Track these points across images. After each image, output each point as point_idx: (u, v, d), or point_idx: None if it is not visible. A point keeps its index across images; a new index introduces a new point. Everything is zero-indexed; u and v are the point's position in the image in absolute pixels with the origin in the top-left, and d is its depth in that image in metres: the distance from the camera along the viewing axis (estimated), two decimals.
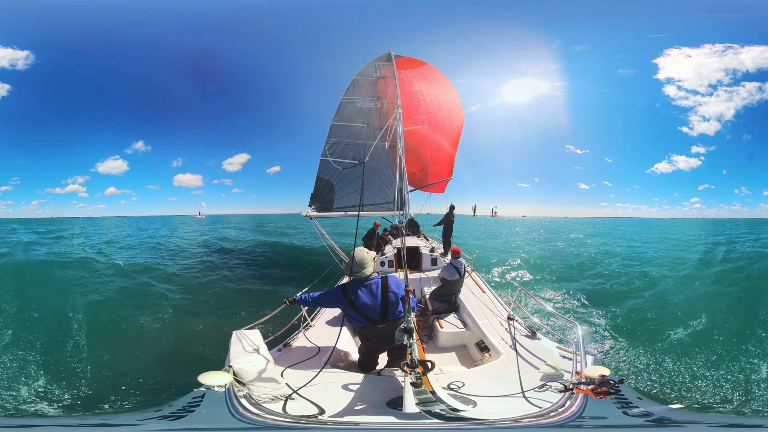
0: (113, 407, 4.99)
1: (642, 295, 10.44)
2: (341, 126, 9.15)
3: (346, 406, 2.57)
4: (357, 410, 2.54)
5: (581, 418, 2.19)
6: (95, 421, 4.10)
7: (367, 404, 2.60)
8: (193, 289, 11.51)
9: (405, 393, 2.37)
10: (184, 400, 2.60)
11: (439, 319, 5.11)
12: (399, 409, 2.33)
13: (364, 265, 3.40)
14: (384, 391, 2.77)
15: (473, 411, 2.39)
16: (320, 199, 8.87)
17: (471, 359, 4.37)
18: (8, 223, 52.72)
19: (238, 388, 2.44)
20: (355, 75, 9.81)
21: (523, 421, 2.24)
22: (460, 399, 2.49)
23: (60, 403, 5.07)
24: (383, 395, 2.68)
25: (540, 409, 2.35)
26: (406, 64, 10.37)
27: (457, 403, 2.33)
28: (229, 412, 2.22)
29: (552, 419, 2.20)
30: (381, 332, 3.37)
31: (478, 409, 2.45)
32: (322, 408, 2.49)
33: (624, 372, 6.03)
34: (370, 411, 2.50)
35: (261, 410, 2.27)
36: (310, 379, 2.94)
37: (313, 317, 4.79)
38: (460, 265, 5.82)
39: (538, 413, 2.31)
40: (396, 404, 2.45)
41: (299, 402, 2.58)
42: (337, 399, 2.66)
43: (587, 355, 2.92)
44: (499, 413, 2.40)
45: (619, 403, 2.36)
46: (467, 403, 2.45)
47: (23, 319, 7.85)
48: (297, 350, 3.84)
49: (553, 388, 2.61)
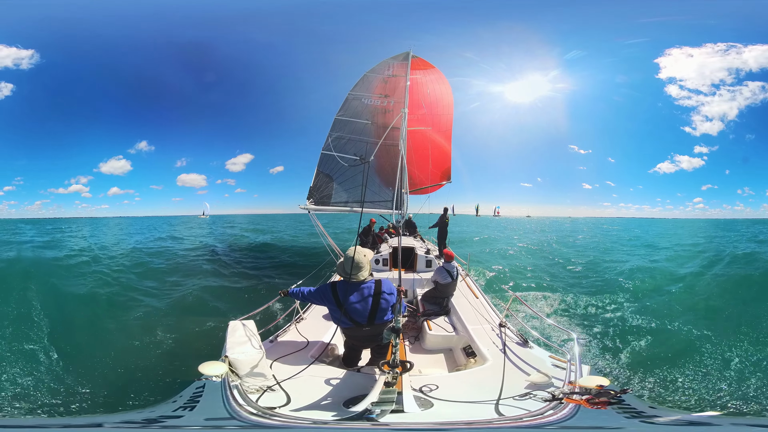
0: (123, 405, 5.00)
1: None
2: (345, 121, 9.11)
3: (312, 401, 2.58)
4: (319, 405, 2.54)
5: (569, 427, 2.06)
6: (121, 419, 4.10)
7: (332, 400, 2.60)
8: (195, 287, 11.51)
9: (371, 392, 2.35)
10: (189, 390, 2.64)
11: (428, 321, 5.09)
12: (350, 408, 2.35)
13: (361, 267, 3.25)
14: (356, 388, 2.77)
15: (424, 413, 2.34)
16: (318, 193, 8.83)
17: (454, 363, 4.34)
18: (13, 223, 52.63)
19: (231, 378, 2.47)
20: (367, 71, 9.77)
21: (479, 425, 2.16)
22: (421, 401, 2.46)
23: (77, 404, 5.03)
24: (352, 392, 2.68)
25: (508, 417, 2.26)
26: (420, 65, 10.32)
27: (413, 405, 2.29)
28: (222, 405, 2.25)
29: (519, 423, 2.11)
30: (365, 334, 3.31)
31: (431, 412, 2.41)
32: (289, 399, 2.50)
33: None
34: (329, 407, 2.50)
35: (245, 402, 2.30)
36: (296, 374, 2.95)
37: (306, 310, 4.80)
38: (453, 269, 5.79)
39: (504, 418, 2.24)
40: (354, 402, 2.45)
41: (276, 394, 2.59)
42: (310, 393, 2.67)
43: (583, 365, 2.77)
44: (456, 417, 2.36)
45: (629, 412, 2.21)
46: (424, 406, 2.40)
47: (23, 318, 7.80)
48: (287, 343, 3.85)
49: (538, 398, 2.52)
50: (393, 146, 8.83)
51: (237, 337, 2.96)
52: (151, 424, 2.57)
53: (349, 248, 3.43)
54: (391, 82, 9.64)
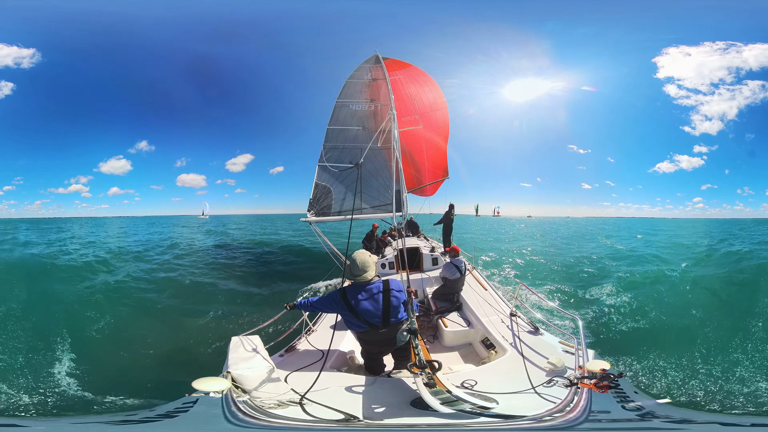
0: (120, 408, 4.99)
1: None
2: (337, 130, 9.15)
3: (368, 408, 2.50)
4: (379, 413, 2.47)
5: (592, 413, 2.22)
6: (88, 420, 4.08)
7: (386, 406, 2.53)
8: (193, 288, 11.50)
9: (422, 393, 2.32)
10: (172, 405, 2.56)
11: (443, 318, 5.12)
12: (425, 409, 2.28)
13: (366, 268, 3.29)
14: (397, 392, 2.71)
15: (497, 408, 2.37)
16: (318, 205, 8.87)
17: (476, 357, 4.38)
18: (14, 223, 52.44)
19: (237, 394, 2.39)
20: (347, 78, 9.83)
21: (544, 418, 2.26)
22: (481, 397, 2.48)
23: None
24: (398, 397, 2.63)
25: (554, 405, 2.38)
26: (394, 66, 10.38)
27: (480, 401, 2.31)
28: (224, 418, 2.17)
29: (569, 416, 2.23)
30: (382, 336, 3.29)
31: (500, 406, 2.45)
32: (348, 414, 2.41)
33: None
34: (393, 413, 2.43)
35: (267, 415, 2.23)
36: (313, 383, 2.86)
37: (315, 322, 4.78)
38: (461, 263, 5.83)
39: (553, 409, 2.34)
40: (419, 405, 2.41)
41: (312, 406, 2.52)
42: (352, 402, 2.60)
43: (588, 350, 2.96)
44: (518, 409, 2.40)
45: (618, 397, 2.40)
46: (489, 401, 2.42)
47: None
48: (300, 355, 3.79)
49: (560, 383, 2.65)
50: (386, 149, 8.88)
51: (240, 352, 2.90)
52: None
53: (355, 252, 3.46)
54: (373, 86, 9.70)
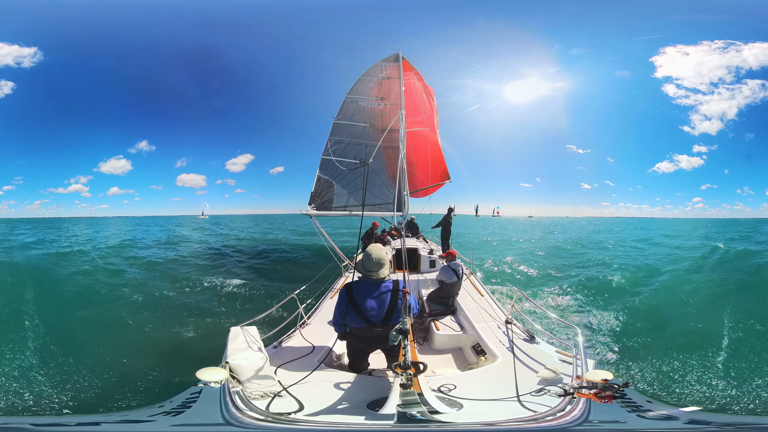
0: (120, 405, 4.98)
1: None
2: (344, 125, 9.14)
3: (328, 405, 2.53)
4: (337, 409, 2.50)
5: (588, 422, 2.15)
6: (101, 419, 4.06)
7: (349, 404, 2.56)
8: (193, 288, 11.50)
9: (391, 394, 2.33)
10: (182, 396, 2.60)
11: (435, 321, 5.08)
12: (377, 410, 2.30)
13: (382, 265, 3.19)
14: (371, 391, 2.73)
15: (458, 414, 2.35)
16: (320, 198, 8.85)
17: (466, 362, 4.34)
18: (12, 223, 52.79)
19: (232, 384, 2.44)
20: (361, 74, 9.82)
21: (512, 424, 2.19)
22: (447, 401, 2.45)
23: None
24: (368, 395, 2.65)
25: (535, 413, 2.30)
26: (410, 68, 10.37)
27: (442, 405, 2.28)
28: (219, 410, 2.20)
29: (550, 423, 2.15)
30: (377, 335, 3.26)
31: (463, 412, 2.41)
32: (302, 404, 2.46)
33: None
34: (349, 411, 2.46)
35: (247, 407, 2.26)
36: (302, 378, 2.92)
37: (310, 315, 4.75)
38: (458, 268, 5.79)
39: (532, 417, 2.27)
40: (376, 405, 2.42)
41: (285, 399, 2.57)
42: (323, 397, 2.64)
43: (588, 360, 2.86)
44: (489, 416, 2.37)
45: (629, 406, 2.30)
46: (453, 406, 2.40)
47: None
48: (292, 348, 3.82)
49: (552, 393, 2.58)
50: (392, 148, 8.86)
51: (238, 343, 2.93)
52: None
53: (370, 245, 3.36)
54: (385, 85, 9.68)
